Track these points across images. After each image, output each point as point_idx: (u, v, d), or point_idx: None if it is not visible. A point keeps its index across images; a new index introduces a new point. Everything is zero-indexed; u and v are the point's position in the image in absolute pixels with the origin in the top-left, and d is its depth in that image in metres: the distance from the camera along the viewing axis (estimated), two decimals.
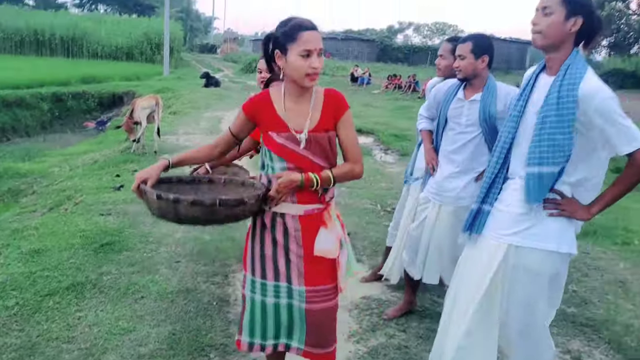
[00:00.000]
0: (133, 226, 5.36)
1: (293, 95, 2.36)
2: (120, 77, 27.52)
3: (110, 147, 11.78)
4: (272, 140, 2.32)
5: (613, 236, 5.82)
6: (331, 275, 2.45)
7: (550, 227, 2.31)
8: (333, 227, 2.41)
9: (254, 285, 2.48)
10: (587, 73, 2.21)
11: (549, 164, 2.23)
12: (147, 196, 2.20)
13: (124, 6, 69.37)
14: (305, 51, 2.22)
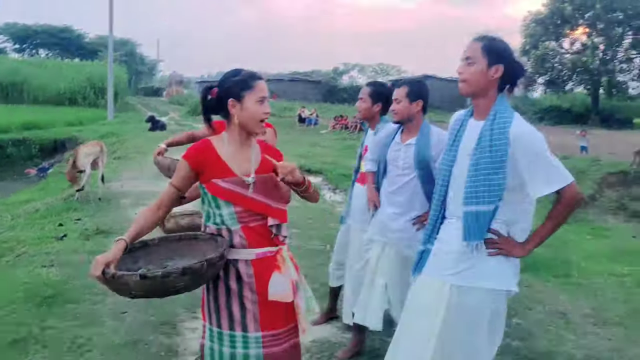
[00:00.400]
0: (77, 277, 5.23)
1: (237, 141, 2.42)
2: (62, 122, 27.05)
3: (52, 195, 11.51)
4: (218, 186, 2.35)
5: (553, 268, 6.05)
6: (288, 317, 2.47)
7: (490, 266, 2.40)
8: (286, 270, 2.42)
9: (212, 334, 2.46)
10: (515, 117, 2.37)
11: (485, 203, 2.34)
12: (125, 279, 2.09)
13: (66, 50, 68.57)
14: (261, 98, 2.36)
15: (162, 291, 2.15)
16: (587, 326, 4.54)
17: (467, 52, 2.43)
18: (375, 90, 3.80)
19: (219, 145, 2.42)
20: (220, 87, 2.43)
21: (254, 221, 2.38)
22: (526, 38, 37.45)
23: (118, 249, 2.20)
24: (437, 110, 44.99)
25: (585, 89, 38.06)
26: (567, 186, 2.31)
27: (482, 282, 2.40)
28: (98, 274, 2.08)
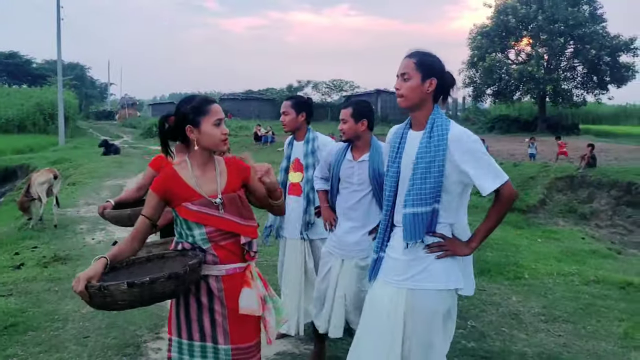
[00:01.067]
0: (37, 305, 5.22)
1: (200, 164, 2.54)
2: (12, 150, 26.47)
3: (5, 224, 11.28)
4: (187, 210, 2.45)
5: (505, 272, 6.27)
6: (255, 331, 2.59)
7: (438, 268, 2.57)
8: (255, 285, 2.54)
9: (180, 347, 2.54)
10: (451, 124, 2.56)
11: (422, 205, 2.51)
12: (112, 290, 2.14)
13: (13, 77, 67.09)
14: (218, 120, 2.49)
15: (148, 298, 2.22)
16: (538, 324, 4.75)
17: (401, 68, 2.60)
18: (297, 101, 4.07)
19: (182, 171, 2.52)
20: (176, 115, 2.55)
21: (223, 240, 2.49)
22: (474, 50, 38.36)
23: (99, 265, 2.27)
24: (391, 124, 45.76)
25: (532, 98, 39.11)
26: (504, 185, 2.50)
27: (434, 284, 2.55)
28: (81, 288, 2.14)
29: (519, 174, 16.95)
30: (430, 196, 2.50)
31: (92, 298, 2.17)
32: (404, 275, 2.59)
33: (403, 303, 2.58)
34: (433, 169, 2.49)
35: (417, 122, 2.65)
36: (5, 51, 69.67)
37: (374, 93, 51.52)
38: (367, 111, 3.59)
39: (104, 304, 2.20)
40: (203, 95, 2.59)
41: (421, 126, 2.62)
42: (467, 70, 39.60)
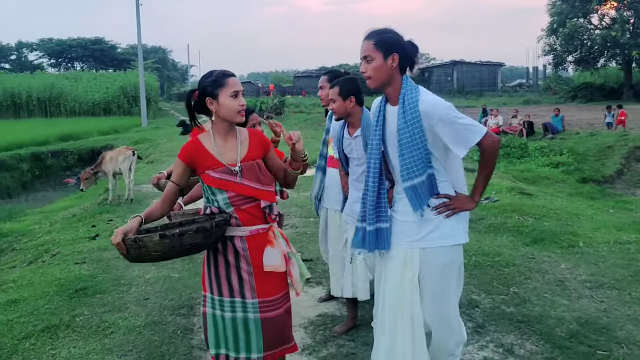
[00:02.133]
0: (106, 271, 5.68)
1: (222, 134, 2.78)
2: (98, 132, 27.99)
3: (88, 201, 12.09)
4: (210, 177, 2.70)
5: (559, 241, 6.19)
6: (281, 285, 2.83)
7: (447, 226, 2.72)
8: (278, 244, 2.78)
9: (213, 303, 2.80)
10: (421, 94, 2.64)
11: (418, 176, 2.65)
12: (145, 241, 2.42)
13: (100, 62, 70.35)
14: (234, 92, 2.69)
15: (179, 250, 2.49)
16: (582, 291, 4.73)
17: (362, 51, 2.70)
18: (334, 76, 4.06)
19: (206, 140, 2.77)
20: (198, 89, 2.79)
21: (244, 204, 2.72)
22: (553, 16, 36.84)
23: (135, 222, 2.57)
24: (468, 95, 44.88)
25: (617, 64, 37.26)
26: (482, 138, 2.60)
27: (445, 241, 2.72)
28: (119, 240, 2.44)
29: (595, 143, 16.39)
30: (422, 166, 2.63)
31: (128, 250, 2.45)
32: (416, 236, 2.74)
33: (417, 262, 2.73)
34: (415, 142, 2.61)
35: (391, 98, 2.75)
36: (91, 37, 73.05)
37: (449, 64, 50.49)
38: (353, 88, 3.70)
39: (139, 255, 2.47)
40: (222, 69, 2.78)
41: (395, 101, 2.72)
42: (546, 38, 38.13)
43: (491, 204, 8.17)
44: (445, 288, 2.77)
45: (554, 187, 12.44)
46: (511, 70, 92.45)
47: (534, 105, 33.25)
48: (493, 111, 21.02)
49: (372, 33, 2.70)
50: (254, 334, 2.75)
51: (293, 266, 2.86)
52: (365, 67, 2.69)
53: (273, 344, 2.79)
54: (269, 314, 2.76)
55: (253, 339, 2.76)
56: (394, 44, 2.66)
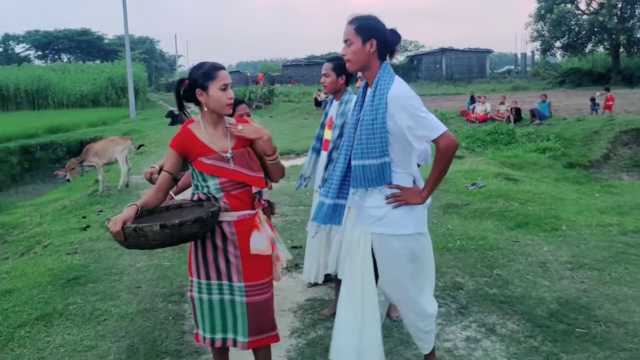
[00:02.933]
0: (98, 261, 5.76)
1: (211, 124, 2.87)
2: (87, 124, 27.92)
3: (78, 193, 12.12)
4: (203, 164, 2.80)
5: (543, 224, 6.33)
6: (266, 270, 2.92)
7: (396, 215, 2.84)
8: (263, 229, 2.88)
9: (200, 287, 2.90)
10: (394, 82, 2.75)
11: (370, 158, 2.77)
12: (145, 230, 2.52)
13: (87, 53, 69.85)
14: (224, 85, 2.79)
15: (177, 239, 2.59)
16: (563, 272, 4.87)
17: (344, 35, 2.81)
18: (337, 64, 4.12)
19: (196, 129, 2.86)
20: (189, 80, 2.87)
21: (234, 189, 2.83)
22: (541, 2, 36.95)
23: (131, 210, 2.67)
24: (457, 82, 44.97)
25: (605, 49, 37.44)
26: (440, 137, 2.69)
27: (392, 229, 2.84)
28: (118, 229, 2.53)
29: (582, 129, 16.55)
30: (378, 150, 2.74)
31: (126, 238, 2.55)
32: (368, 220, 2.88)
33: (368, 244, 2.88)
34: (376, 126, 2.72)
35: (369, 82, 2.86)
36: (78, 28, 72.40)
37: (438, 52, 50.57)
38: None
39: (137, 243, 2.58)
40: (212, 62, 2.87)
41: (371, 85, 2.83)
42: (534, 24, 38.20)
43: (477, 190, 8.31)
44: (397, 273, 2.90)
45: (540, 173, 12.57)
46: (500, 57, 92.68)
47: (523, 92, 33.40)
48: (480, 98, 21.14)
49: (354, 18, 2.80)
50: (240, 318, 2.86)
51: (279, 251, 2.97)
52: (346, 51, 2.80)
53: (258, 330, 2.88)
54: (255, 298, 2.85)
55: (239, 323, 2.86)
56: (373, 30, 2.76)
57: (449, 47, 50.16)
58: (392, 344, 3.69)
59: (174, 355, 3.67)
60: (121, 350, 3.74)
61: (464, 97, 26.78)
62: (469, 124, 19.93)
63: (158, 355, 3.66)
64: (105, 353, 3.71)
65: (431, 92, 37.15)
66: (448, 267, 5.09)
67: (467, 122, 20.34)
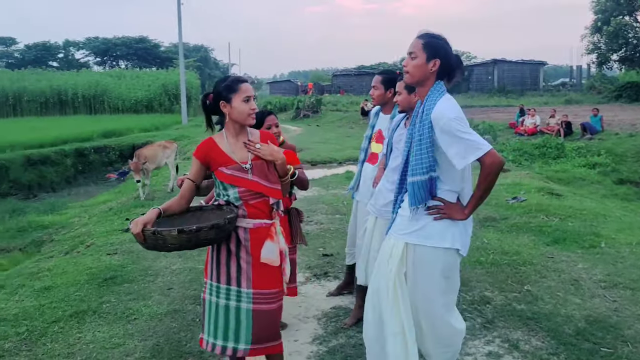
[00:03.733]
0: (136, 262, 5.94)
1: (233, 134, 2.97)
2: (140, 129, 28.66)
3: (127, 195, 12.49)
4: (223, 173, 2.90)
5: (581, 241, 6.19)
6: (276, 281, 2.99)
7: (435, 228, 2.84)
8: (277, 240, 2.96)
9: (211, 289, 2.99)
10: (441, 99, 2.75)
11: (418, 174, 2.79)
12: (164, 235, 2.62)
13: (144, 60, 71.78)
14: (246, 97, 2.89)
15: (194, 243, 2.70)
16: (595, 290, 4.75)
17: (410, 47, 2.84)
18: (387, 77, 4.23)
19: (219, 140, 2.97)
20: (214, 93, 2.98)
21: (253, 199, 2.92)
22: (597, 14, 36.13)
23: (153, 213, 2.77)
24: (509, 95, 44.20)
25: None
26: (485, 155, 2.67)
27: (429, 241, 2.83)
28: (138, 231, 2.64)
29: (634, 144, 16.06)
30: (425, 166, 2.76)
31: (146, 240, 2.65)
32: (405, 230, 2.88)
33: (400, 254, 2.86)
34: (423, 143, 2.75)
35: (421, 97, 2.89)
36: (136, 36, 74.53)
37: (490, 63, 49.83)
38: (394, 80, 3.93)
39: (156, 245, 2.68)
40: (236, 75, 3.01)
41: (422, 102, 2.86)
42: (590, 36, 37.36)
43: (517, 204, 8.18)
44: (429, 287, 2.86)
45: (588, 189, 12.27)
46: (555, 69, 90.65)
47: (576, 105, 32.60)
48: (530, 111, 20.75)
49: (425, 34, 2.85)
50: (244, 325, 2.91)
51: (286, 264, 3.03)
52: (408, 62, 2.85)
53: (261, 339, 2.93)
54: (262, 307, 2.91)
55: (242, 330, 2.91)
56: (440, 50, 2.80)
57: (502, 59, 49.37)
58: None
59: (196, 357, 3.77)
60: (146, 349, 3.86)
61: (514, 109, 26.30)
62: (517, 137, 19.58)
63: (181, 356, 3.77)
64: (131, 351, 3.84)
65: (481, 103, 36.68)
66: (478, 282, 5.04)
67: (516, 135, 19.99)
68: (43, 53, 74.13)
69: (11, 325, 4.31)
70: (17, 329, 4.23)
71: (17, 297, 4.98)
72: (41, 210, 13.75)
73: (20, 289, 5.25)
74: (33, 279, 5.56)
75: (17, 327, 4.28)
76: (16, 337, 4.11)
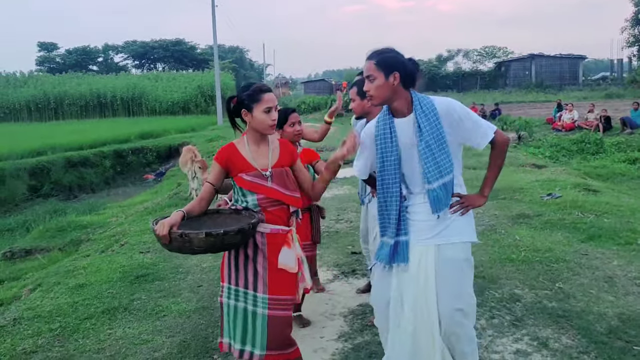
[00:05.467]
0: (167, 260, 6.04)
1: (255, 142, 3.00)
2: (176, 130, 29.04)
3: (162, 196, 12.69)
4: (243, 180, 2.93)
5: (617, 237, 6.03)
6: (291, 287, 3.01)
7: (461, 224, 2.84)
8: (294, 247, 3.00)
9: (229, 292, 3.02)
10: (434, 98, 2.81)
11: (447, 174, 2.75)
12: (191, 237, 2.64)
13: (180, 62, 72.69)
14: (268, 108, 2.91)
15: (219, 247, 2.74)
16: (630, 287, 4.63)
17: (365, 71, 2.80)
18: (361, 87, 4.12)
19: (240, 146, 3.00)
20: (237, 98, 3.00)
21: (271, 206, 2.95)
22: (638, 6, 35.18)
23: (178, 216, 2.78)
24: (547, 90, 43.32)
25: None
26: (495, 134, 2.76)
27: (459, 237, 2.83)
28: (165, 232, 2.65)
29: None
30: (448, 165, 2.74)
31: (172, 241, 2.67)
32: (431, 234, 2.84)
33: (432, 258, 2.82)
34: (441, 142, 2.72)
35: (398, 112, 2.83)
36: (172, 39, 75.57)
37: (527, 58, 49.02)
38: None
39: (181, 248, 2.71)
40: (260, 84, 3.01)
41: (404, 113, 2.82)
42: (630, 29, 36.39)
43: (552, 201, 8.03)
44: (461, 287, 2.84)
45: (628, 184, 11.95)
46: (596, 63, 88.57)
47: (617, 99, 31.79)
48: (568, 106, 20.34)
49: (373, 53, 2.81)
50: (259, 330, 2.92)
51: (305, 270, 3.09)
52: (369, 87, 2.80)
53: (276, 345, 2.93)
54: (277, 313, 2.92)
55: (258, 335, 2.92)
56: (394, 63, 2.76)
57: (539, 53, 48.49)
58: None
59: (223, 354, 3.80)
60: (174, 345, 3.92)
61: (552, 104, 25.78)
62: (554, 133, 19.21)
63: (207, 352, 3.81)
64: (159, 347, 3.90)
65: (518, 99, 36.10)
66: (508, 279, 4.97)
67: (553, 131, 19.61)
68: (83, 57, 75.74)
69: (45, 321, 4.44)
70: (50, 325, 4.35)
71: (52, 295, 5.12)
72: (80, 211, 14.07)
73: (56, 287, 5.39)
74: (68, 277, 5.71)
75: (51, 323, 4.40)
76: (49, 333, 4.22)
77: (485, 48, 64.47)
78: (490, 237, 6.37)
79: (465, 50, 63.79)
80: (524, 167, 12.02)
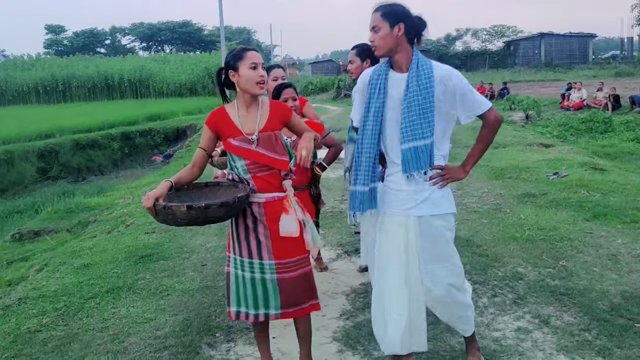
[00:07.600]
0: (172, 240, 6.07)
1: (244, 105, 2.98)
2: (183, 112, 29.04)
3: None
4: (231, 144, 2.92)
5: (622, 216, 6.00)
6: (298, 249, 3.00)
7: (440, 195, 2.86)
8: (293, 212, 2.96)
9: (235, 263, 3.04)
10: (433, 63, 2.79)
11: (421, 138, 2.74)
12: (174, 210, 2.65)
13: (188, 44, 72.58)
14: (253, 64, 2.88)
15: (203, 220, 2.73)
16: (634, 265, 4.61)
17: (371, 23, 2.81)
18: (362, 49, 4.16)
19: (230, 110, 2.99)
20: (224, 65, 2.98)
21: (260, 171, 2.93)
22: None
23: (165, 186, 2.79)
24: (557, 69, 42.93)
25: None
26: (489, 110, 2.77)
27: (439, 209, 2.85)
28: (150, 205, 2.67)
29: None
30: (427, 130, 2.73)
31: (157, 214, 2.70)
32: (410, 205, 2.86)
33: (412, 229, 2.85)
34: (425, 106, 2.71)
35: (398, 65, 2.84)
36: (179, 20, 75.35)
37: (537, 37, 48.56)
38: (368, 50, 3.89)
39: (166, 220, 2.73)
40: (243, 45, 3.03)
41: (402, 69, 2.82)
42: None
43: (558, 179, 7.99)
44: (446, 249, 2.91)
45: (636, 163, 11.86)
46: (606, 41, 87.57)
47: (628, 78, 31.47)
48: (576, 84, 20.15)
49: (380, 6, 2.81)
50: (272, 293, 2.96)
51: (307, 233, 3.03)
52: (373, 37, 2.80)
53: (291, 303, 2.98)
54: (286, 275, 2.95)
55: (271, 297, 2.97)
56: (400, 14, 2.76)
57: (549, 32, 48.04)
58: (438, 330, 3.66)
59: (225, 331, 3.83)
60: (176, 323, 3.95)
61: (562, 84, 25.55)
62: (563, 112, 19.06)
63: (210, 330, 3.84)
64: (162, 325, 3.93)
65: (528, 78, 35.81)
66: (511, 257, 4.96)
67: (561, 110, 19.45)
68: (91, 40, 75.77)
69: (50, 301, 4.48)
70: (55, 305, 4.39)
71: (58, 275, 5.16)
72: (89, 193, 14.13)
73: (62, 267, 5.43)
74: (74, 257, 5.75)
75: (56, 302, 4.44)
76: (54, 312, 4.26)
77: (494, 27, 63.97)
78: (495, 215, 6.36)
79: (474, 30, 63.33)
80: (531, 146, 11.95)
